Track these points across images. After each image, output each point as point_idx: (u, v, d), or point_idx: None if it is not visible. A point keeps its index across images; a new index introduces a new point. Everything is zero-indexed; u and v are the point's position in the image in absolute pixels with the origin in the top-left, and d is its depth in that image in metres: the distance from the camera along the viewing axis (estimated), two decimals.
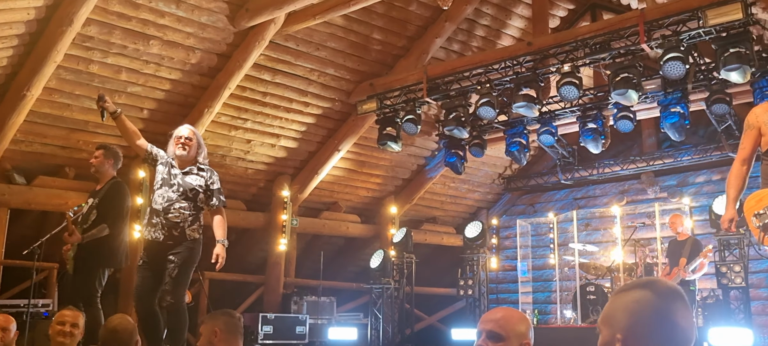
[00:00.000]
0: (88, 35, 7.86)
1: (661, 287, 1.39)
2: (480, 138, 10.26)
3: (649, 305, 1.37)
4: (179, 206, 4.85)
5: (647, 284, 1.41)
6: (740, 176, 3.79)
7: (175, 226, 4.84)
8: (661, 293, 1.38)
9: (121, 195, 5.44)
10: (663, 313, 1.36)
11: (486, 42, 10.62)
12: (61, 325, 3.90)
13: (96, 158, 5.52)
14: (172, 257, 4.83)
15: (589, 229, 12.14)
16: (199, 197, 4.94)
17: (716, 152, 10.33)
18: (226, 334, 3.28)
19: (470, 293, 11.23)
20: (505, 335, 1.97)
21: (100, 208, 5.34)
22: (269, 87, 9.60)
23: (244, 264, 11.86)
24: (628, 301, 1.40)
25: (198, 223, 4.96)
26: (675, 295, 1.38)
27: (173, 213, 4.84)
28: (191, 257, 4.89)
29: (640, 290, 1.40)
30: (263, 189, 11.15)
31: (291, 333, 10.11)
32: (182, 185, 4.91)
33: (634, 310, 1.38)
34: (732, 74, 7.12)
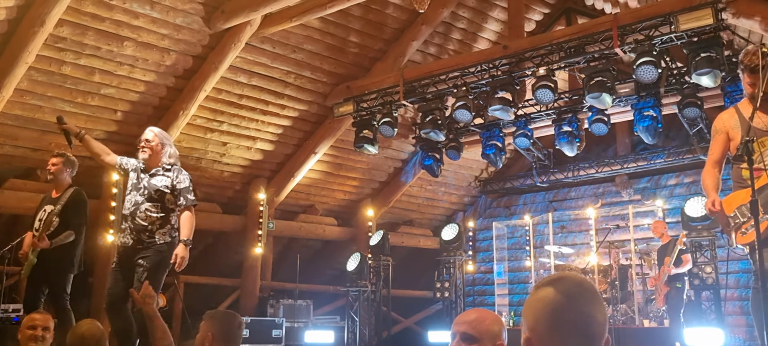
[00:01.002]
0: (61, 36, 7.75)
1: (565, 285, 1.40)
2: (456, 141, 10.30)
3: (550, 303, 1.38)
4: (145, 208, 4.81)
5: (553, 282, 1.42)
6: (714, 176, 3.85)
7: (144, 230, 4.78)
8: (563, 291, 1.39)
9: (83, 203, 5.55)
10: (564, 310, 1.37)
11: (462, 45, 10.68)
12: (33, 329, 3.83)
13: (54, 166, 5.54)
14: (141, 261, 4.78)
15: (565, 231, 12.25)
16: (167, 198, 4.88)
17: (688, 155, 10.50)
18: (221, 340, 3.15)
19: (447, 295, 11.24)
20: (478, 337, 1.98)
21: (63, 215, 5.40)
22: (245, 89, 9.54)
23: (220, 267, 11.78)
24: (534, 299, 1.42)
25: (169, 226, 4.88)
26: (578, 291, 1.39)
27: (140, 217, 4.79)
28: (161, 261, 4.82)
29: (546, 288, 1.41)
30: (239, 192, 11.08)
31: (267, 337, 10.04)
32: (148, 187, 4.87)
33: (537, 308, 1.40)
34: (703, 79, 7.23)
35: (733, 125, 3.83)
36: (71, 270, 5.40)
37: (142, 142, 4.94)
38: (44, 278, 5.26)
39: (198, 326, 3.34)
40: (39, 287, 5.30)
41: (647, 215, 11.39)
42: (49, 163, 5.58)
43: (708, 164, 3.90)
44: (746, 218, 3.67)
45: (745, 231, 3.71)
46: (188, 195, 4.90)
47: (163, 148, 4.98)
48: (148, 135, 4.98)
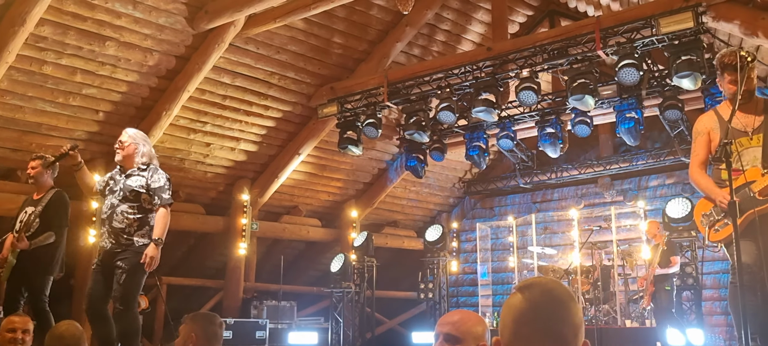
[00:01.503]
0: (42, 35, 7.67)
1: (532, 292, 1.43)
2: (440, 142, 10.34)
3: (515, 309, 1.41)
4: (121, 210, 4.77)
5: (522, 288, 1.45)
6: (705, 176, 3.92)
7: (121, 232, 4.75)
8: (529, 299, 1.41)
9: (64, 205, 5.49)
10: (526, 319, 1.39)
11: (446, 47, 10.71)
12: (12, 332, 3.79)
13: (34, 169, 5.49)
14: (119, 263, 4.74)
15: (548, 232, 12.32)
16: (142, 198, 4.84)
17: (669, 157, 10.61)
18: (204, 340, 3.15)
19: (431, 296, 11.29)
20: (461, 338, 1.99)
21: (44, 216, 5.35)
22: (229, 90, 9.50)
23: (204, 269, 11.72)
24: (505, 304, 1.45)
25: (147, 227, 4.84)
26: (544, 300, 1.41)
27: (117, 219, 4.76)
28: (140, 263, 4.78)
29: (516, 294, 1.44)
30: (223, 193, 11.03)
31: (251, 338, 10.00)
32: (123, 188, 4.84)
33: (505, 313, 1.43)
34: (684, 81, 7.31)
35: (713, 127, 3.90)
36: (51, 272, 5.33)
37: (118, 144, 4.94)
38: (23, 279, 5.19)
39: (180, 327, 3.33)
40: (18, 289, 5.23)
41: (629, 216, 11.49)
42: (29, 167, 5.53)
43: (694, 166, 3.96)
44: (721, 215, 3.76)
45: (718, 229, 3.80)
46: (163, 194, 4.86)
47: (137, 148, 4.95)
48: (123, 136, 4.98)
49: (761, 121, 3.75)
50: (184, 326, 3.20)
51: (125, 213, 4.77)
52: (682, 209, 9.05)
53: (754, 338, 3.43)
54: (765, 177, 3.66)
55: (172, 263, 11.39)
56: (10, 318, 3.91)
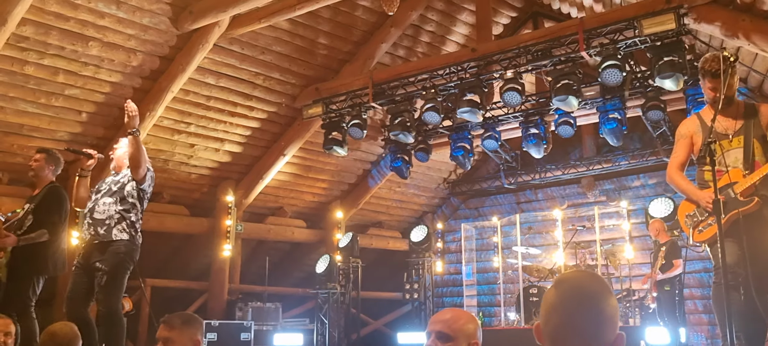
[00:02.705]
0: (24, 35, 7.60)
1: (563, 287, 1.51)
2: (425, 143, 10.36)
3: (549, 303, 1.49)
4: (104, 202, 4.78)
5: (558, 283, 1.53)
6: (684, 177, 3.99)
7: (101, 223, 4.73)
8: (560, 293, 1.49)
9: (59, 200, 5.21)
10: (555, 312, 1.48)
11: (431, 48, 10.74)
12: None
13: (36, 162, 5.29)
14: (98, 264, 4.68)
15: (532, 232, 12.38)
16: (126, 191, 4.82)
17: (652, 157, 10.72)
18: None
19: (416, 296, 11.31)
20: (453, 336, 2.00)
21: (37, 213, 5.11)
22: (213, 91, 9.46)
23: (188, 271, 11.65)
24: (544, 297, 1.54)
25: (126, 223, 4.79)
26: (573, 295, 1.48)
27: (98, 210, 4.76)
28: (120, 262, 4.72)
29: (553, 288, 1.53)
30: (207, 194, 10.98)
31: (236, 340, 9.96)
32: (108, 183, 4.86)
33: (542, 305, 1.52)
34: (666, 82, 7.39)
35: (696, 130, 3.97)
36: (41, 272, 5.09)
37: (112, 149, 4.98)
38: (11, 280, 5.01)
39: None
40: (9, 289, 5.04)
41: (612, 215, 11.59)
42: (32, 160, 5.35)
43: (673, 167, 4.02)
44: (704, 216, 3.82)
45: (702, 229, 3.87)
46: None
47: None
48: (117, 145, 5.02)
49: (741, 124, 3.83)
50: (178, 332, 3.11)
51: (106, 205, 4.76)
52: (664, 209, 9.14)
53: (738, 336, 3.49)
54: (746, 178, 3.73)
55: (157, 264, 11.31)
56: None
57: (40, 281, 5.15)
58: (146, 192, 4.95)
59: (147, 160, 4.91)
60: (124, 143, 4.93)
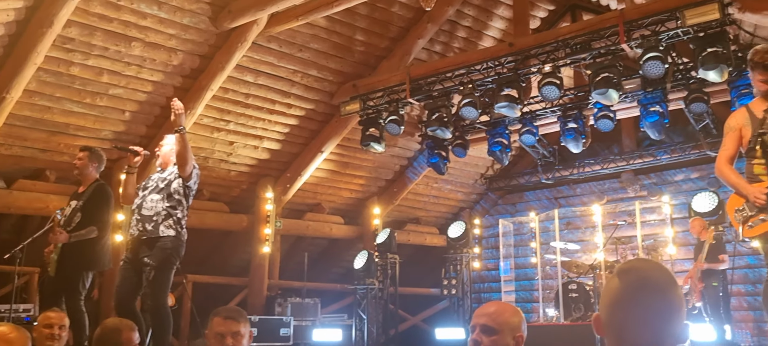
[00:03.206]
0: (69, 37, 7.79)
1: (629, 277, 1.45)
2: (462, 138, 10.33)
3: (613, 294, 1.44)
4: (151, 198, 4.88)
5: (622, 272, 1.47)
6: (734, 170, 3.90)
7: (148, 219, 4.84)
8: (625, 282, 1.44)
9: (107, 198, 5.38)
10: (623, 303, 1.42)
11: (468, 43, 10.69)
12: (49, 328, 3.82)
13: (80, 160, 5.45)
14: (147, 260, 4.80)
15: (571, 227, 12.26)
16: (173, 188, 4.91)
17: (695, 151, 10.49)
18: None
19: (454, 292, 11.30)
20: (498, 329, 2.00)
21: (85, 210, 5.28)
22: (252, 88, 9.57)
23: (228, 267, 11.82)
24: (606, 287, 1.49)
25: (172, 220, 4.90)
26: (639, 285, 1.43)
27: (146, 207, 4.86)
28: (167, 258, 4.84)
29: (615, 277, 1.47)
30: (246, 191, 11.11)
31: (275, 335, 10.07)
32: (156, 180, 4.96)
33: (604, 296, 1.47)
34: (709, 74, 7.24)
35: (745, 122, 3.88)
36: (91, 267, 5.26)
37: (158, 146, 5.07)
38: (62, 274, 5.19)
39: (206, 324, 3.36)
40: (60, 284, 5.22)
41: (653, 211, 11.40)
42: (76, 158, 5.52)
43: (722, 161, 3.93)
44: (754, 211, 3.74)
45: (752, 224, 3.78)
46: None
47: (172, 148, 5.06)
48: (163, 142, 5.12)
49: None
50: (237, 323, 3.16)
51: (154, 202, 4.86)
52: (708, 203, 8.96)
53: None
54: None
55: (197, 261, 11.50)
56: (46, 314, 3.94)
57: (89, 276, 5.31)
58: (192, 189, 5.04)
59: (193, 157, 5.01)
60: (170, 140, 5.04)
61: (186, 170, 4.92)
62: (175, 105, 4.79)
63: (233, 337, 2.87)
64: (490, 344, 2.00)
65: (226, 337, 2.86)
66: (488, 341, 2.01)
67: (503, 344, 2.01)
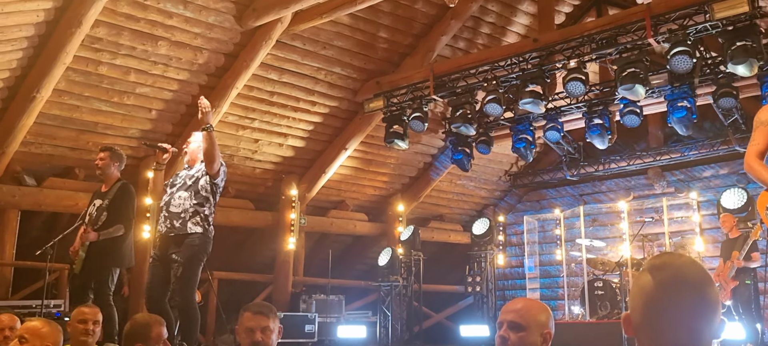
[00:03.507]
0: (97, 36, 7.91)
1: (663, 274, 1.36)
2: (486, 135, 10.29)
3: (646, 293, 1.36)
4: (179, 195, 4.93)
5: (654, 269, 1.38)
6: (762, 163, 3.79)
7: (176, 216, 4.89)
8: (659, 282, 1.35)
9: (131, 197, 5.51)
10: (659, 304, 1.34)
11: (492, 39, 10.64)
12: (83, 323, 3.84)
13: (102, 160, 5.56)
14: (175, 256, 4.85)
15: (596, 224, 12.15)
16: (200, 185, 4.96)
17: (723, 146, 10.31)
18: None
19: (478, 289, 11.26)
20: (525, 325, 1.99)
21: (111, 209, 5.39)
22: (276, 86, 9.63)
23: (253, 264, 11.91)
24: (635, 284, 1.40)
25: (200, 217, 4.94)
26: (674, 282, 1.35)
27: (174, 204, 4.91)
28: (195, 254, 4.89)
29: (646, 274, 1.39)
30: (271, 188, 11.19)
31: (300, 332, 10.14)
32: (183, 177, 5.01)
33: (635, 294, 1.38)
34: (739, 68, 7.12)
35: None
36: (118, 264, 5.40)
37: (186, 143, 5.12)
38: (92, 272, 5.30)
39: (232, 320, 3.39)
40: (88, 281, 5.33)
41: (681, 207, 11.25)
42: (97, 158, 5.62)
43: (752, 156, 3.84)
44: None
45: None
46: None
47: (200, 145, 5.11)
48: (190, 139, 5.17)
49: None
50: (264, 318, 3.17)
51: (182, 199, 4.91)
52: (737, 200, 8.82)
53: None
54: None
55: (223, 257, 11.59)
56: (80, 309, 3.98)
57: (116, 273, 5.42)
58: (219, 186, 5.09)
59: (220, 155, 5.05)
60: (198, 138, 5.09)
61: (214, 168, 4.97)
62: (202, 103, 4.84)
63: (263, 332, 2.90)
64: (517, 340, 1.99)
65: (256, 332, 2.89)
66: (515, 337, 2.00)
67: (531, 341, 1.99)
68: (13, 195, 8.91)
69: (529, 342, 1.99)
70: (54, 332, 3.12)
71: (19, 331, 3.10)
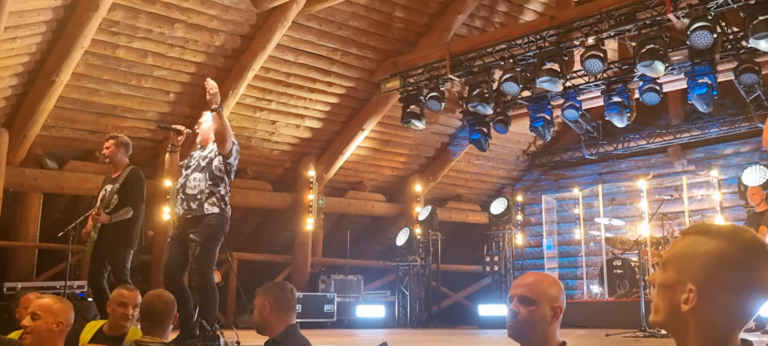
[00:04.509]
0: (114, 20, 7.96)
1: (746, 241, 1.28)
2: (504, 114, 10.23)
3: (731, 259, 1.27)
4: (194, 177, 4.97)
5: (730, 236, 1.30)
6: None
7: (193, 198, 4.94)
8: (745, 248, 1.27)
9: (140, 182, 5.69)
10: (744, 269, 1.26)
11: (508, 17, 10.55)
12: (123, 306, 3.77)
13: (108, 149, 5.72)
14: (193, 236, 4.90)
15: (615, 203, 12.07)
16: (214, 165, 5.00)
17: (745, 123, 10.18)
18: (277, 307, 3.24)
19: (496, 269, 11.27)
20: (536, 299, 1.98)
21: (121, 193, 5.57)
22: (293, 68, 9.64)
23: (272, 244, 12.00)
24: (709, 250, 1.29)
25: (216, 197, 4.98)
26: (760, 250, 1.27)
27: (190, 186, 4.96)
28: (212, 233, 4.94)
29: (722, 240, 1.29)
30: (289, 170, 11.24)
31: (319, 312, 10.23)
32: (197, 158, 5.04)
33: (714, 263, 1.27)
34: (761, 42, 7.00)
35: None
36: (130, 246, 5.55)
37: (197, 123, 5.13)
38: (106, 254, 5.45)
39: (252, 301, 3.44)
40: (102, 263, 5.47)
41: (702, 185, 11.13)
42: (103, 147, 5.77)
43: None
44: None
45: None
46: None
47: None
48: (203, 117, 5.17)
49: None
50: (258, 297, 3.30)
51: (197, 180, 4.96)
52: (758, 177, 8.71)
53: None
54: None
55: (242, 239, 11.72)
56: (119, 291, 3.89)
57: (130, 254, 5.56)
58: (232, 165, 5.12)
59: (232, 134, 5.08)
60: (209, 118, 5.11)
61: (226, 148, 5.00)
62: (208, 85, 4.87)
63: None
64: (527, 314, 1.99)
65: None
66: (526, 311, 1.99)
67: (541, 314, 1.99)
68: (35, 178, 9.05)
69: (539, 316, 1.98)
70: (65, 309, 3.16)
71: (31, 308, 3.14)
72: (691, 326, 1.29)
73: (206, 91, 4.84)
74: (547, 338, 2.01)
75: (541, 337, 2.01)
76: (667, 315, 1.32)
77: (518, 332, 2.03)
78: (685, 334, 1.31)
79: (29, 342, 3.06)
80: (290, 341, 3.18)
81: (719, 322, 1.27)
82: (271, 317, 3.20)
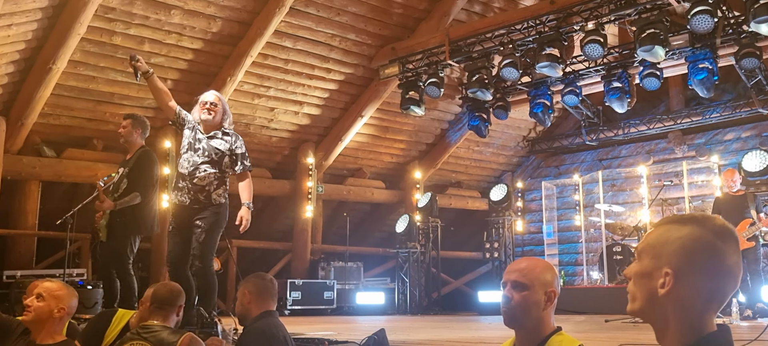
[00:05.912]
0: (110, 6, 7.91)
1: (716, 226, 1.35)
2: (504, 100, 10.19)
3: (703, 242, 1.32)
4: (204, 168, 4.90)
5: (701, 222, 1.35)
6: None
7: (201, 189, 4.89)
8: (715, 232, 1.33)
9: (150, 163, 5.45)
10: (715, 252, 1.32)
11: (508, 2, 10.48)
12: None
13: (124, 128, 5.52)
14: (198, 222, 4.87)
15: (615, 189, 12.04)
16: (224, 162, 4.98)
17: (746, 109, 10.13)
18: (257, 296, 3.37)
19: (496, 255, 11.27)
20: (529, 284, 1.96)
21: (131, 176, 5.36)
22: (291, 54, 9.59)
23: (271, 232, 11.99)
24: (681, 236, 1.34)
25: (223, 188, 4.99)
26: (728, 235, 1.34)
27: (199, 176, 4.89)
28: (217, 221, 4.93)
29: (694, 226, 1.35)
30: (288, 157, 11.21)
31: (319, 299, 10.24)
32: (207, 148, 4.95)
33: (687, 246, 1.32)
34: (762, 26, 6.95)
35: None
36: (137, 232, 5.32)
37: (208, 105, 4.99)
38: (112, 240, 5.29)
39: None
40: (110, 249, 5.32)
41: (702, 171, 11.10)
42: (120, 126, 5.60)
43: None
44: None
45: None
46: (245, 161, 5.04)
47: (225, 113, 5.08)
48: (212, 97, 5.05)
49: None
50: (239, 290, 3.45)
51: (207, 171, 4.91)
52: (759, 162, 8.68)
53: None
54: None
55: None
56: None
57: (137, 241, 5.41)
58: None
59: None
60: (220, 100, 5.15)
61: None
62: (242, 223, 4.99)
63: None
64: (520, 299, 1.97)
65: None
66: (519, 296, 1.97)
67: (534, 299, 1.97)
68: (33, 166, 9.02)
69: (532, 301, 1.96)
70: (69, 296, 3.18)
71: (37, 289, 3.17)
72: (669, 310, 1.32)
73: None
74: (541, 323, 1.99)
75: (535, 322, 1.99)
76: (645, 302, 1.36)
77: (512, 318, 2.01)
78: (663, 320, 1.34)
79: (29, 320, 3.10)
80: (262, 322, 3.28)
81: (695, 304, 1.31)
82: (251, 305, 3.34)
